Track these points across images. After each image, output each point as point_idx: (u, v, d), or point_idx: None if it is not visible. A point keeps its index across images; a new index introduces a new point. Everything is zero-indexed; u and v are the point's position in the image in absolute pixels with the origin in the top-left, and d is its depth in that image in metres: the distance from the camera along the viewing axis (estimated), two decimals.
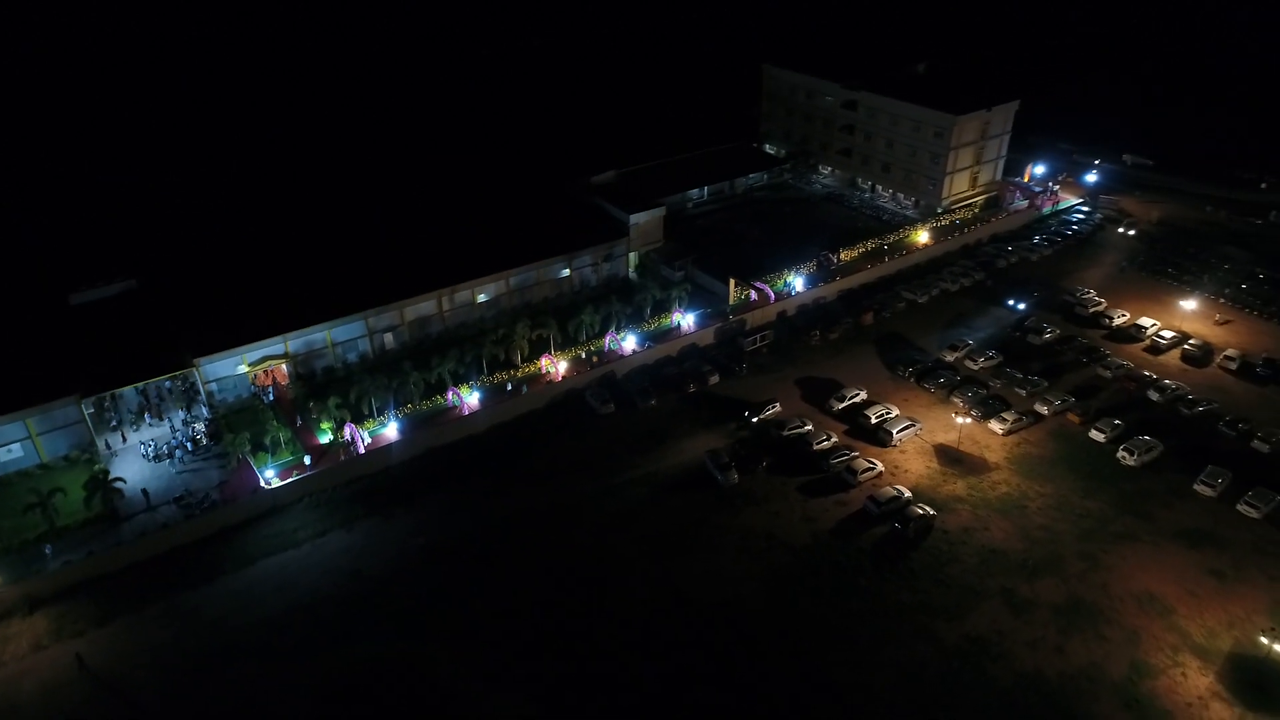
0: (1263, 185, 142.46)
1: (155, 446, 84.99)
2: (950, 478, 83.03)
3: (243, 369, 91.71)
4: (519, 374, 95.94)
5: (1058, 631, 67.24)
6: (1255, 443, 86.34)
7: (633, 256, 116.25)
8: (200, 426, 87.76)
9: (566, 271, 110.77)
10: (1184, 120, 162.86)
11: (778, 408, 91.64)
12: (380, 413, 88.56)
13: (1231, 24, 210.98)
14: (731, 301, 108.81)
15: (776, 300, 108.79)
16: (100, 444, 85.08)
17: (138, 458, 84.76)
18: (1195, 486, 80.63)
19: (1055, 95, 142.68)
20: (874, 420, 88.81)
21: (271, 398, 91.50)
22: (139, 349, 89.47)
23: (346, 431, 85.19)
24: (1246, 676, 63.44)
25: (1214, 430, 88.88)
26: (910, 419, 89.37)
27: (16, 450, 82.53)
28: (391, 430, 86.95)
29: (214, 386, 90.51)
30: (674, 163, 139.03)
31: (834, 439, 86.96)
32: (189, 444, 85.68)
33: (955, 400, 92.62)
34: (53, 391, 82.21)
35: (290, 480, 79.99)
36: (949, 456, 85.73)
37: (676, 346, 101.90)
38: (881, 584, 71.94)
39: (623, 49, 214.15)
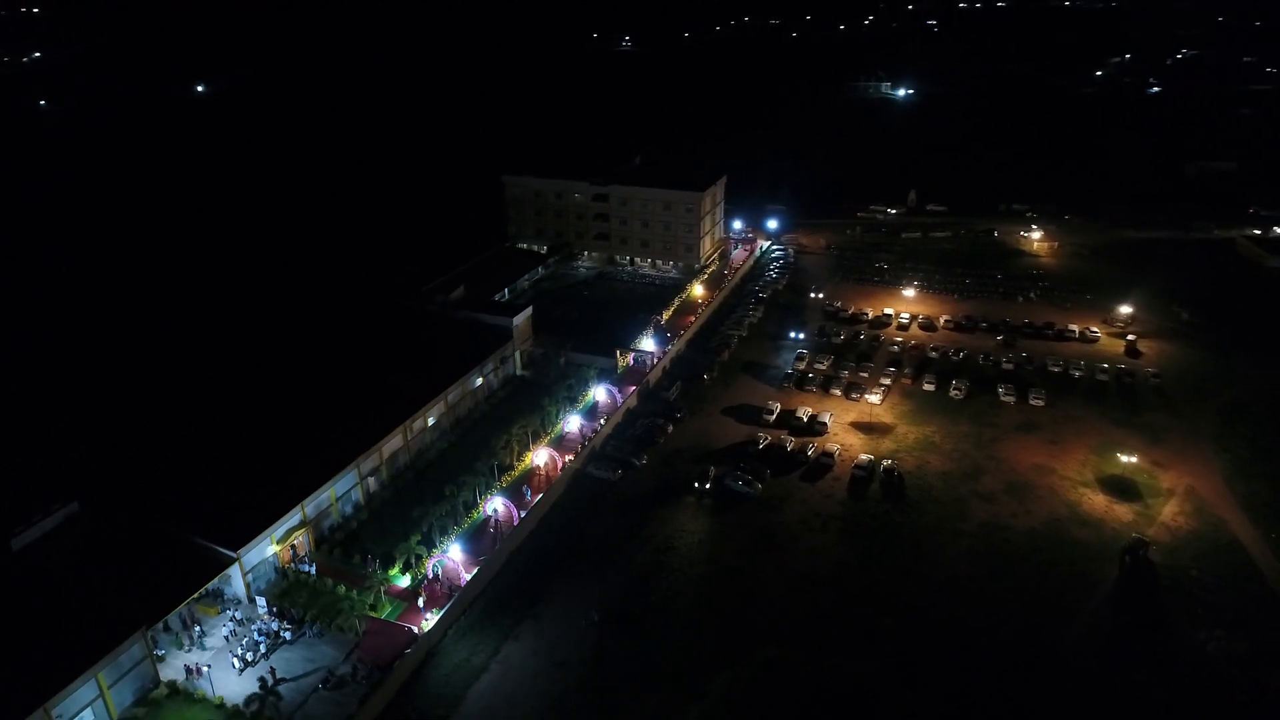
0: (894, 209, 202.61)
1: (242, 652, 77.68)
2: (878, 440, 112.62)
3: (272, 549, 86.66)
4: (516, 473, 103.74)
5: (1019, 503, 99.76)
6: (1004, 365, 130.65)
7: (516, 355, 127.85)
8: (268, 618, 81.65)
9: (480, 380, 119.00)
10: (797, 173, 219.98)
11: (713, 470, 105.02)
12: (443, 539, 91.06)
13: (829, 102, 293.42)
14: (619, 369, 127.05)
15: (656, 360, 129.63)
16: (174, 673, 75.37)
17: (226, 671, 76.65)
18: (1002, 399, 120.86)
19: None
20: (806, 419, 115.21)
21: (314, 568, 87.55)
22: (155, 564, 79.99)
23: (430, 566, 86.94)
24: (1117, 486, 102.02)
25: (977, 364, 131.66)
26: (826, 411, 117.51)
27: (87, 717, 70.04)
28: (456, 552, 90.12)
29: (250, 576, 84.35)
30: (473, 270, 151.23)
31: (793, 440, 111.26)
32: (280, 635, 79.64)
33: (835, 392, 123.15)
34: (115, 633, 71.70)
35: (435, 621, 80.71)
36: (865, 427, 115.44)
37: (621, 413, 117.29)
38: (907, 517, 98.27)
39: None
